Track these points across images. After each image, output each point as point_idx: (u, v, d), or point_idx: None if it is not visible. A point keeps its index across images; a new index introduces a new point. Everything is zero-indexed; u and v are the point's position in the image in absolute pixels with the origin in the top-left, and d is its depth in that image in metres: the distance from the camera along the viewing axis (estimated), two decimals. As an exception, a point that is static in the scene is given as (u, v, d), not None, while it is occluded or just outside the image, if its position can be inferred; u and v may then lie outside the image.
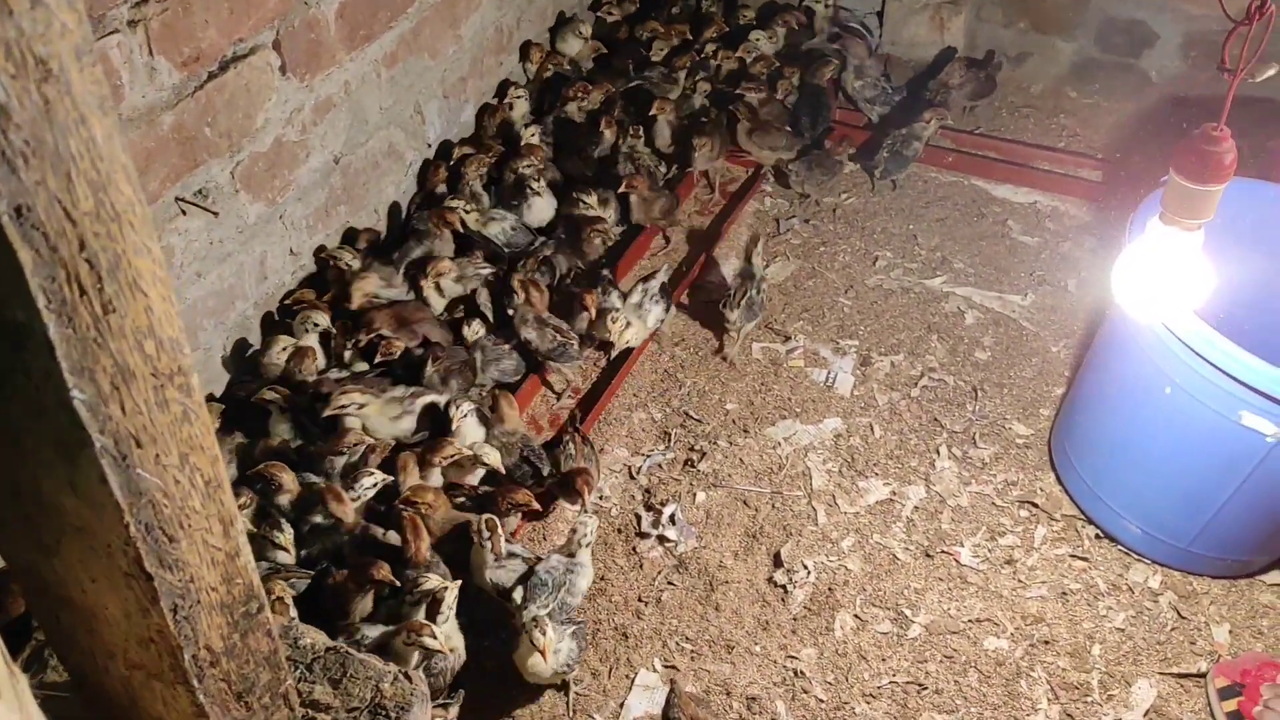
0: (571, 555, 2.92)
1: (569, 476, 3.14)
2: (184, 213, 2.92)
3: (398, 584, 2.65)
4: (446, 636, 2.58)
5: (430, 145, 4.09)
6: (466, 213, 3.77)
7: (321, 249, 3.58)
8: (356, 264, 3.52)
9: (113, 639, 1.57)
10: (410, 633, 2.52)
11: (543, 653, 2.59)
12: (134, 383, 1.30)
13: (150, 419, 1.35)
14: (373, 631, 2.61)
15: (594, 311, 3.58)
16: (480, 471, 3.15)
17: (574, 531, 2.94)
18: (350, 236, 3.74)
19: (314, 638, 2.05)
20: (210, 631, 1.57)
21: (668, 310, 3.81)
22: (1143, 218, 2.93)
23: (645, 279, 3.77)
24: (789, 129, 4.51)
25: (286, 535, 2.72)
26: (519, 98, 4.33)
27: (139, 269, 1.27)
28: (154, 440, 1.36)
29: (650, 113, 4.31)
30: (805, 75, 4.70)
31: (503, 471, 3.18)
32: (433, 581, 2.59)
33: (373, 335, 3.29)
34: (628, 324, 3.60)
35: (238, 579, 1.60)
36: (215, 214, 3.00)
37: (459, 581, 2.70)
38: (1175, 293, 2.42)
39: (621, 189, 3.99)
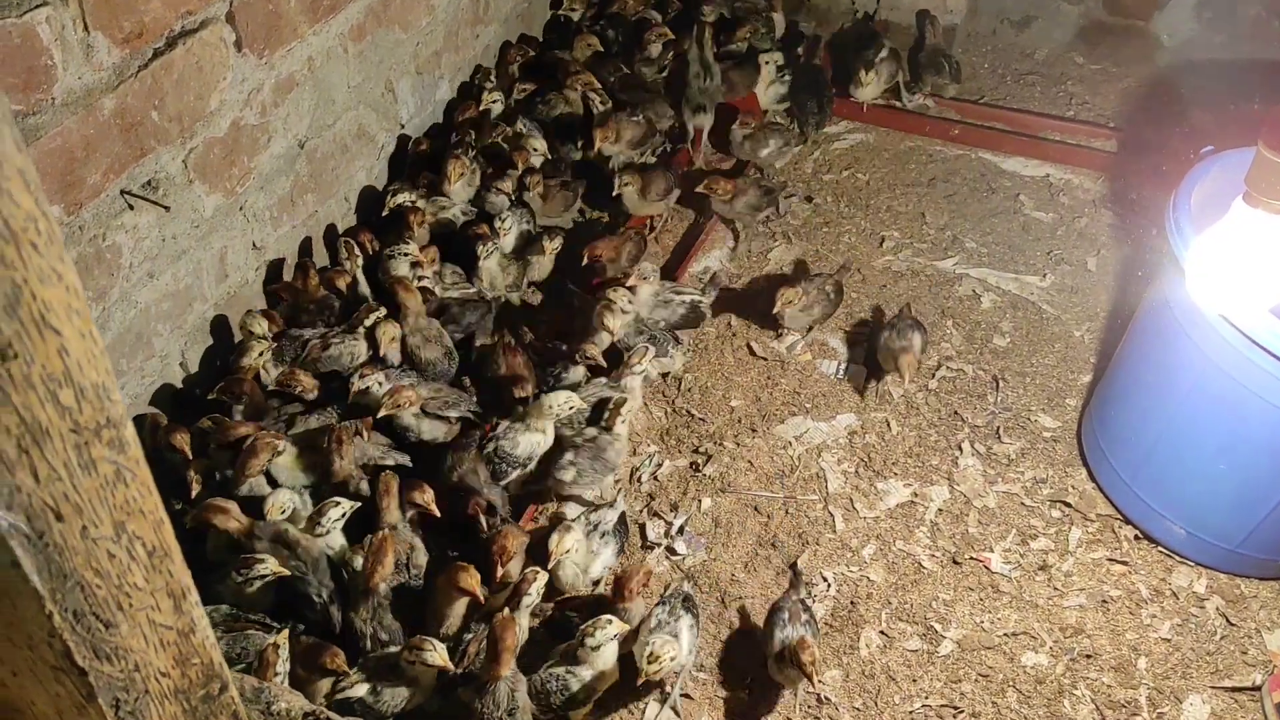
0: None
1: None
2: (131, 207, 2.62)
3: (348, 671, 2.36)
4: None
5: (403, 125, 3.78)
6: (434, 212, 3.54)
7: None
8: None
9: (44, 738, 1.31)
10: (413, 649, 2.29)
11: None
12: (48, 442, 1.04)
13: (72, 485, 1.08)
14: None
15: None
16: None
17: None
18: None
19: (290, 701, 1.79)
20: (163, 724, 1.31)
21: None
22: (1186, 194, 2.69)
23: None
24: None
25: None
26: (494, 102, 4.00)
27: (47, 301, 1.00)
28: (78, 510, 1.10)
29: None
30: (803, 56, 4.45)
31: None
32: (435, 655, 2.30)
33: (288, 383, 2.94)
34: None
35: (194, 659, 1.34)
36: (166, 208, 2.70)
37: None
38: (1265, 285, 2.16)
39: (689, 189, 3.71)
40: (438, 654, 2.25)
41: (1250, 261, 2.17)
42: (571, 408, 2.89)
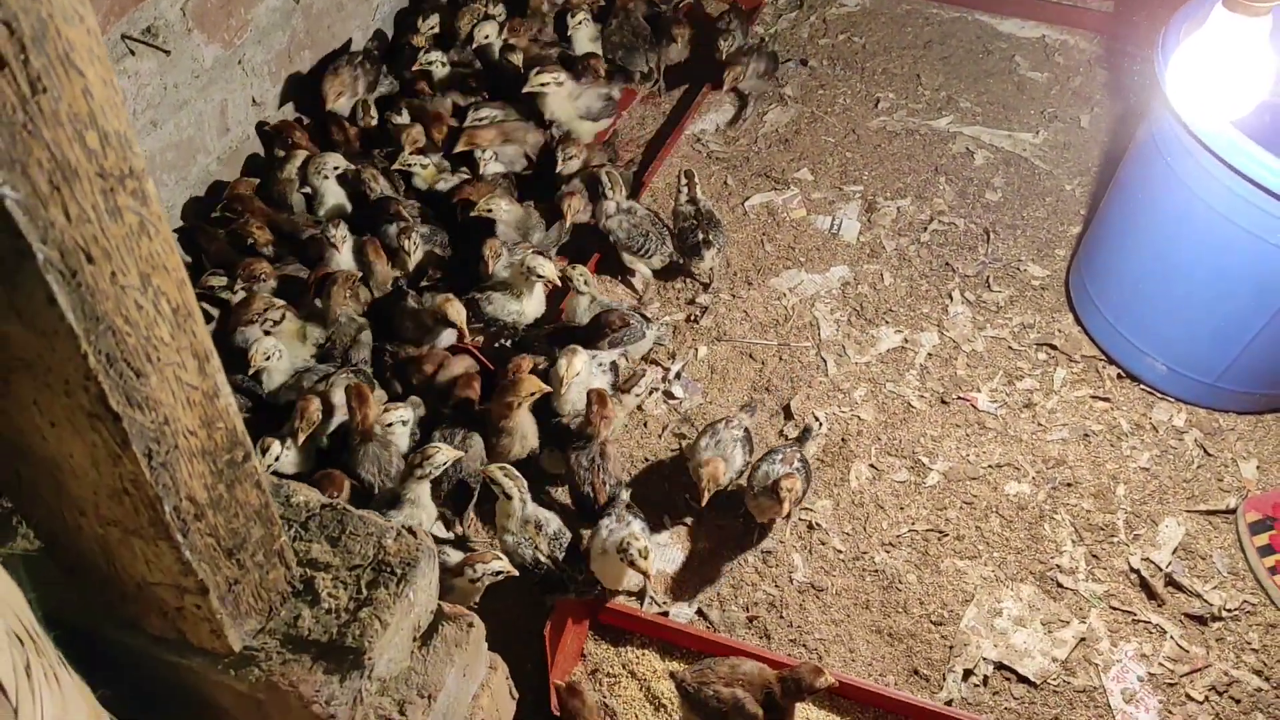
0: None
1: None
2: (132, 53, 2.65)
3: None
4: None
5: (398, -13, 3.77)
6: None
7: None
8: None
9: (81, 493, 1.40)
10: (423, 458, 2.40)
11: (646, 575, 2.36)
12: (77, 183, 1.10)
13: (101, 229, 1.15)
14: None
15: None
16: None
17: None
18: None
19: (306, 495, 1.90)
20: (192, 481, 1.40)
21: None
22: (1177, 27, 2.71)
23: None
24: None
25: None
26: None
27: (71, 40, 1.05)
28: (107, 255, 1.17)
29: None
30: None
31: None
32: (444, 453, 2.39)
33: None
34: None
35: (219, 423, 1.43)
36: (167, 52, 2.72)
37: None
38: (1238, 87, 2.22)
39: None
40: (445, 452, 2.34)
41: (1228, 68, 2.22)
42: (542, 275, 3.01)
